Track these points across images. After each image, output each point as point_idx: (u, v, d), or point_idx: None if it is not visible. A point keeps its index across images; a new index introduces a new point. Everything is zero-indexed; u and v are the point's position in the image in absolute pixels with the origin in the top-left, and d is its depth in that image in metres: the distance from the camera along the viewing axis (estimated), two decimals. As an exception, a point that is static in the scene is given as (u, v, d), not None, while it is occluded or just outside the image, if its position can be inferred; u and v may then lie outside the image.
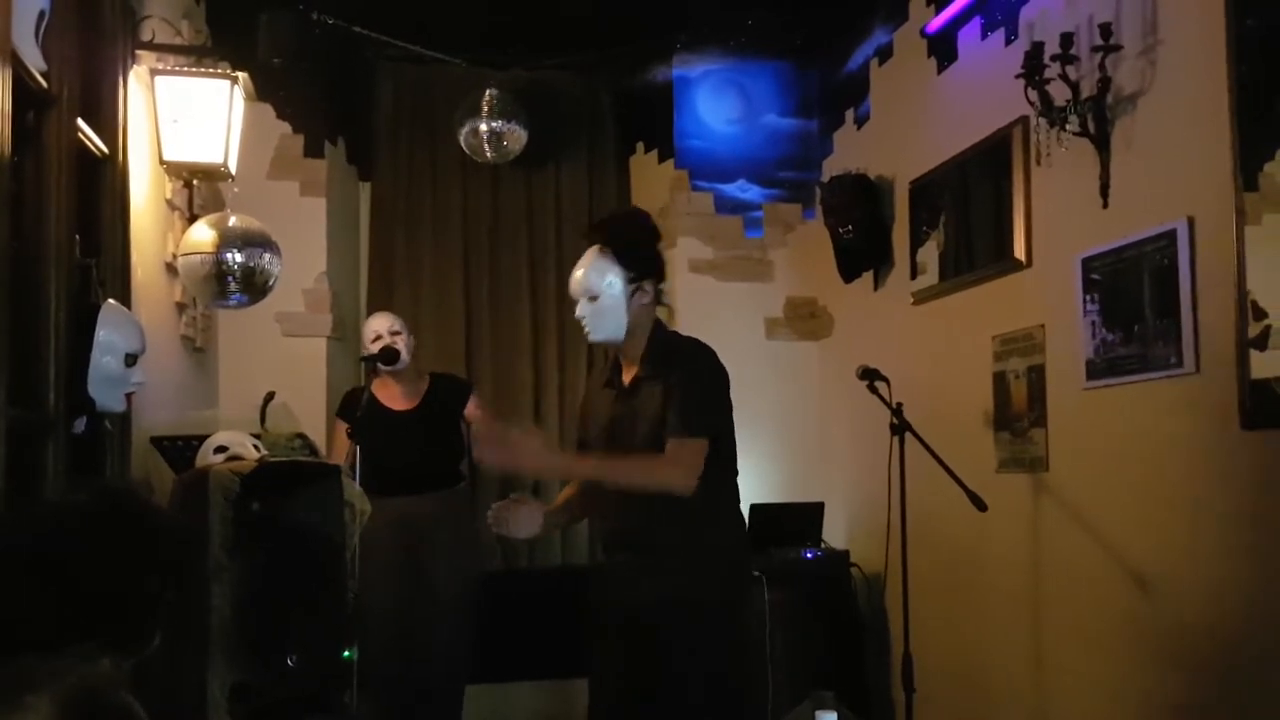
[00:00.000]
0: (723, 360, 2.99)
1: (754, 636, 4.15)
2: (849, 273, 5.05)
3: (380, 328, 4.46)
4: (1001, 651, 4.01)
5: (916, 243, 4.60)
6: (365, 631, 3.60)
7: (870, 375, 3.71)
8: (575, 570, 5.41)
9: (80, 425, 2.87)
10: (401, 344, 4.40)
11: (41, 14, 2.58)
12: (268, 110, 5.03)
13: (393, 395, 4.48)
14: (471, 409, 4.54)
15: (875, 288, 5.02)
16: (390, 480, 4.02)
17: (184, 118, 3.69)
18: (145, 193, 3.66)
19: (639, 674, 2.85)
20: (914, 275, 4.62)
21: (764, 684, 4.25)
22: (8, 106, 2.32)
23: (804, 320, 5.65)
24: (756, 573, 4.55)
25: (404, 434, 4.37)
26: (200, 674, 3.01)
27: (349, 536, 3.45)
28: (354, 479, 3.64)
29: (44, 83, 2.72)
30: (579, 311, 2.96)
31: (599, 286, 2.91)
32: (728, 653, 2.86)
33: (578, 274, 2.96)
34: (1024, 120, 3.79)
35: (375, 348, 4.37)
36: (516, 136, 5.38)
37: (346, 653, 3.43)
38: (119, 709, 1.44)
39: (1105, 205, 3.42)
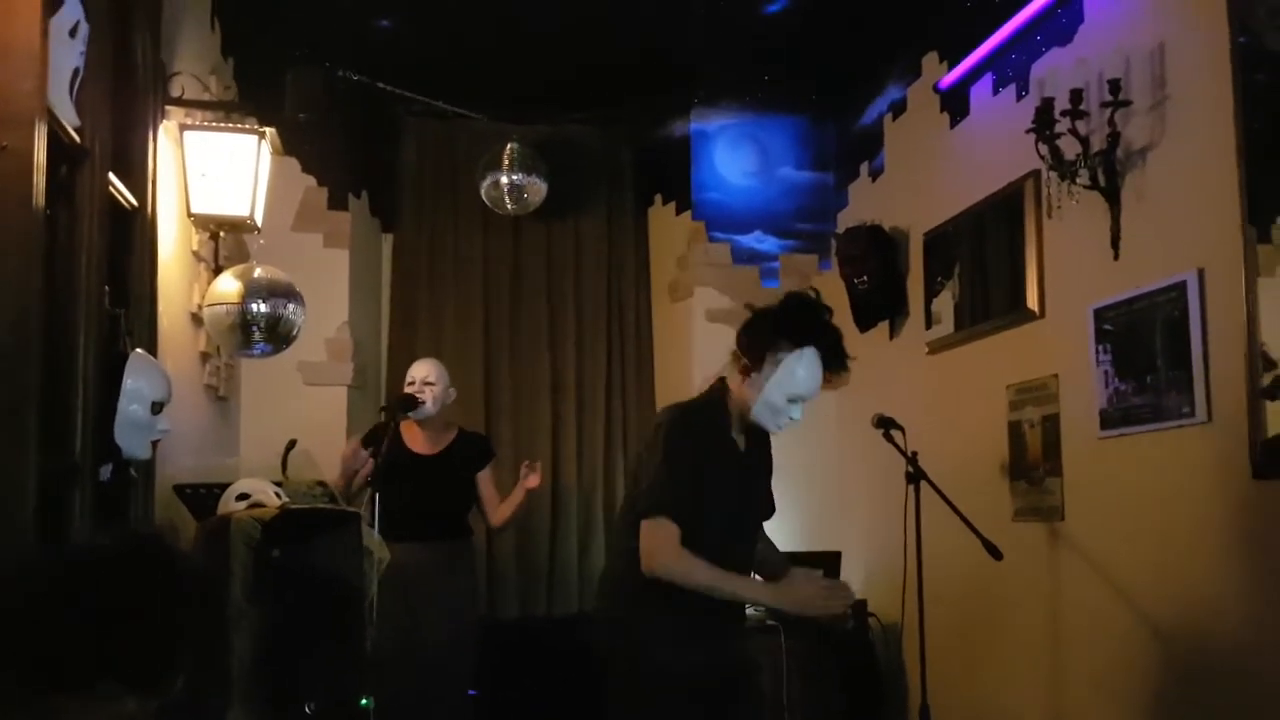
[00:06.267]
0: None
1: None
2: (864, 323, 5.08)
3: (416, 374, 4.51)
4: (1019, 701, 3.99)
5: (931, 293, 4.64)
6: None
7: (886, 424, 3.72)
8: (590, 618, 5.41)
9: (106, 473, 2.92)
10: (430, 394, 4.44)
11: (76, 71, 2.66)
12: (293, 164, 5.12)
13: (415, 439, 4.53)
14: (485, 479, 4.60)
15: (891, 337, 5.06)
16: (396, 523, 4.02)
17: (212, 171, 3.77)
18: (173, 244, 3.74)
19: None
20: (929, 325, 4.65)
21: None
22: (43, 160, 2.38)
23: (821, 370, 5.67)
24: (773, 622, 4.58)
25: (417, 477, 4.40)
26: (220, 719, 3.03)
27: (368, 584, 3.48)
28: (373, 525, 3.67)
29: (77, 137, 2.79)
30: (800, 415, 2.85)
31: None
32: None
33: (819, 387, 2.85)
34: (1035, 174, 3.84)
35: (409, 391, 4.44)
36: (537, 189, 5.45)
37: (364, 700, 3.45)
38: (145, 747, 1.47)
39: (1116, 257, 3.45)
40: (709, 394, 2.92)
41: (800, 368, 2.76)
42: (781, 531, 3.24)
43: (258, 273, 3.79)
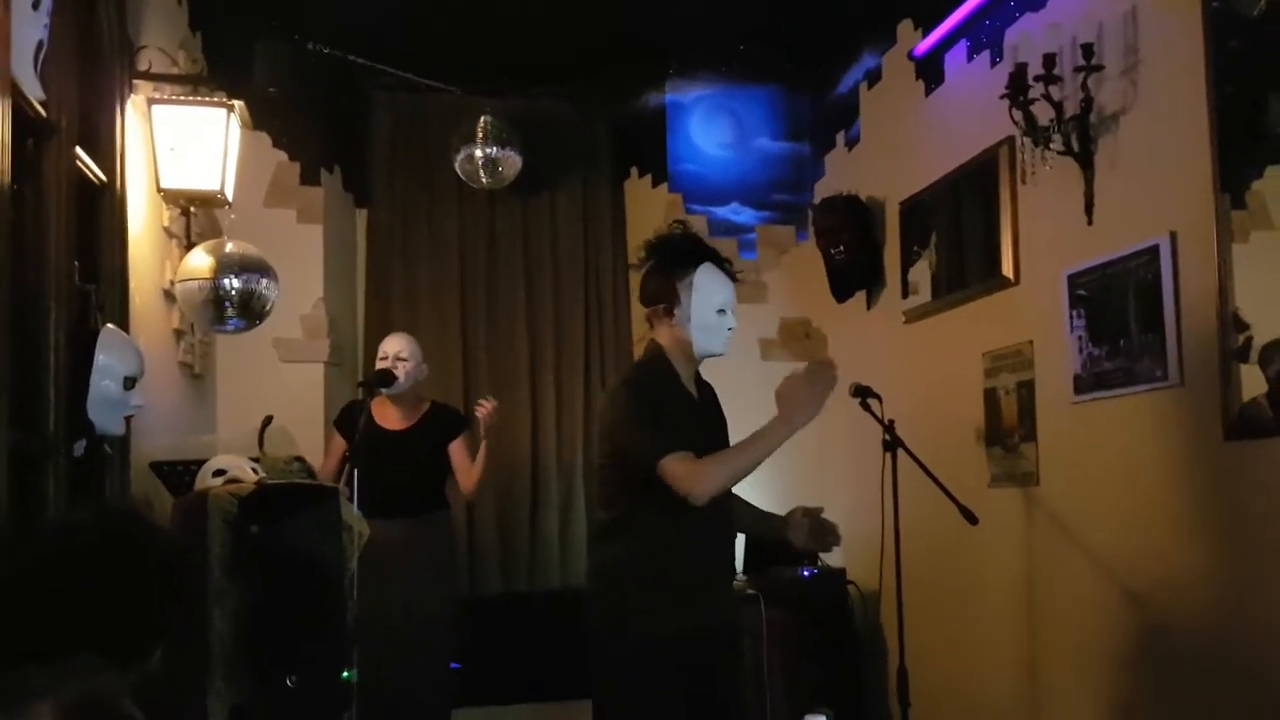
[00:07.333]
0: (718, 381, 3.09)
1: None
2: (841, 293, 5.10)
3: (389, 349, 4.49)
4: (995, 664, 4.03)
5: (908, 262, 4.65)
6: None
7: (863, 393, 3.71)
8: (574, 592, 5.42)
9: (80, 448, 2.91)
10: (403, 370, 4.42)
11: (40, 44, 2.62)
12: (264, 138, 5.07)
13: (388, 415, 4.51)
14: (457, 448, 4.56)
15: (868, 307, 5.07)
16: (370, 500, 4.01)
17: (181, 146, 3.73)
18: (143, 220, 3.70)
19: (730, 690, 3.00)
20: (905, 294, 4.66)
21: (762, 702, 4.27)
22: (7, 136, 2.36)
23: (798, 341, 5.69)
24: (753, 592, 4.60)
25: (390, 453, 4.38)
26: (200, 695, 3.03)
27: (348, 559, 3.48)
28: (351, 501, 3.66)
29: (43, 112, 2.76)
30: (735, 322, 2.95)
31: None
32: None
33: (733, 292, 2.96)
34: (1010, 140, 3.84)
35: (383, 366, 4.42)
36: (511, 162, 5.42)
37: (345, 674, 3.45)
38: (122, 717, 1.47)
39: (1090, 222, 3.46)
40: (649, 353, 2.97)
41: (708, 280, 2.91)
42: (761, 502, 3.25)
43: (229, 248, 3.77)
